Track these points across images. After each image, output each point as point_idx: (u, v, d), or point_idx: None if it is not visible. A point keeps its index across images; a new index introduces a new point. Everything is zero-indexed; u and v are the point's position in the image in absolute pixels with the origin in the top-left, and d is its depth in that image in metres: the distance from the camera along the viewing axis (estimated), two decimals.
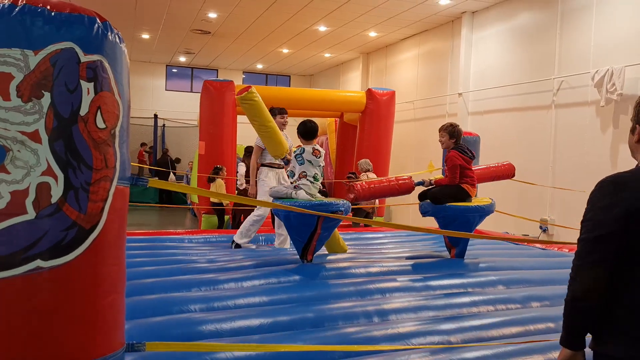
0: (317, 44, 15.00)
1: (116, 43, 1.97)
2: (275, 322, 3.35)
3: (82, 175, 1.85)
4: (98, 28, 1.89)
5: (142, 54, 17.79)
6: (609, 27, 8.23)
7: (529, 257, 6.01)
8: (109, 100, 1.93)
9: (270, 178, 6.05)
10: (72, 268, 1.84)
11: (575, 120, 8.81)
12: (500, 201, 7.83)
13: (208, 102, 9.40)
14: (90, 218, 1.87)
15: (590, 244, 1.76)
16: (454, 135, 5.31)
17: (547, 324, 3.69)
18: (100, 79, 1.89)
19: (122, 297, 2.08)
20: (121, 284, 2.07)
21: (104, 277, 1.94)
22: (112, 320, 2.01)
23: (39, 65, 1.79)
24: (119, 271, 2.04)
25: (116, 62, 1.97)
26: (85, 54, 1.85)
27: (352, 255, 5.51)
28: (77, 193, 1.84)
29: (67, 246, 1.83)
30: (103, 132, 1.91)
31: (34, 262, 1.78)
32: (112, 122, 1.94)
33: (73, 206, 1.83)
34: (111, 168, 1.94)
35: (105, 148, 1.91)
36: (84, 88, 1.85)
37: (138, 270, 4.35)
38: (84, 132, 1.85)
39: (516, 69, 10.19)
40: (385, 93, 10.26)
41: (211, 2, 11.44)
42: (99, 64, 1.89)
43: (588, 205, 1.83)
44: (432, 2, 10.74)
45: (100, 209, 1.90)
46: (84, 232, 1.86)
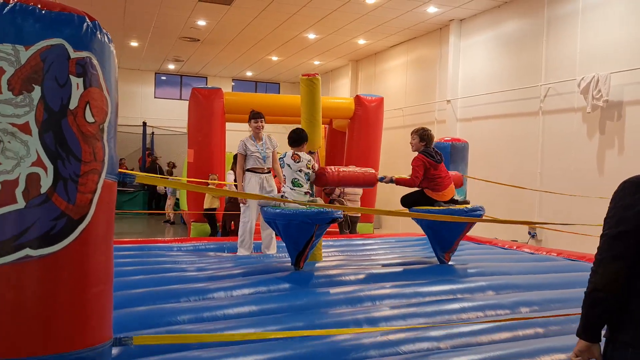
0: (306, 51, 15.04)
1: (105, 42, 2.05)
2: (265, 331, 3.33)
3: (71, 167, 1.91)
4: (87, 27, 1.97)
5: (131, 62, 17.74)
6: (594, 34, 8.34)
7: (517, 261, 6.04)
8: (98, 96, 1.99)
9: (252, 183, 6.06)
10: (61, 257, 1.90)
11: (562, 126, 8.89)
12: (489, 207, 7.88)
13: (196, 109, 9.38)
14: (79, 209, 1.93)
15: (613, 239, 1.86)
16: (424, 138, 5.39)
17: (536, 329, 3.70)
18: (90, 75, 1.96)
19: (109, 289, 2.13)
20: (109, 276, 2.12)
21: (92, 268, 2.00)
22: (100, 311, 2.06)
23: (29, 60, 1.85)
24: (107, 263, 2.09)
25: (105, 60, 2.04)
26: (75, 50, 1.93)
27: (342, 263, 5.51)
28: (66, 184, 1.90)
29: (56, 235, 1.88)
30: (92, 126, 1.97)
31: (23, 250, 1.84)
32: (101, 117, 2.01)
33: (62, 196, 1.89)
34: (100, 161, 2.00)
35: (94, 142, 1.98)
36: (74, 83, 1.92)
37: (126, 280, 4.32)
38: (73, 126, 1.92)
39: (504, 76, 10.27)
40: (373, 99, 10.30)
41: (200, 10, 11.45)
42: (88, 60, 1.96)
43: (611, 204, 1.93)
44: (420, 10, 10.82)
45: (89, 200, 1.96)
46: (72, 222, 1.92)
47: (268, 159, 6.17)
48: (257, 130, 6.16)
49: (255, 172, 6.11)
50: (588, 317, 1.92)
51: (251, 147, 6.10)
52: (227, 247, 6.55)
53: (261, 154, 6.10)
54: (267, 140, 6.24)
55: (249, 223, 6.10)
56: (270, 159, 6.21)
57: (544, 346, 3.36)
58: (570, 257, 6.30)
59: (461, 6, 10.53)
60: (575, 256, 6.27)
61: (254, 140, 6.15)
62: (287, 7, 10.98)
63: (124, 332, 3.16)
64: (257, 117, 6.21)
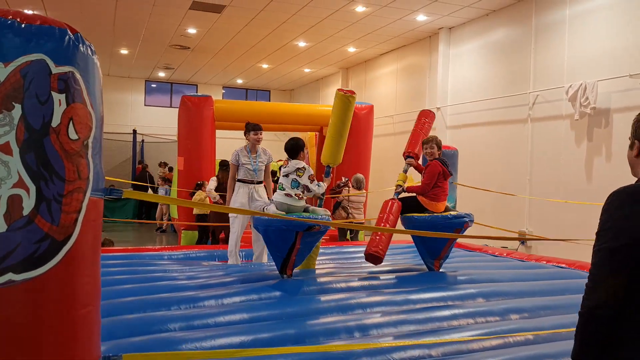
0: (296, 59, 15.09)
1: (88, 55, 1.97)
2: (256, 340, 3.33)
3: (54, 187, 1.84)
4: (69, 40, 1.88)
5: (121, 69, 17.70)
6: (582, 43, 8.44)
7: (508, 268, 6.07)
8: (81, 112, 1.92)
9: (240, 193, 6.05)
10: (46, 280, 1.83)
11: (550, 133, 8.97)
12: (479, 214, 7.91)
13: (186, 117, 9.37)
14: (63, 230, 1.86)
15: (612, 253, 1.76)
16: (440, 146, 5.53)
17: (526, 335, 3.72)
18: (72, 90, 1.88)
19: (97, 309, 2.07)
20: (96, 296, 2.05)
21: (78, 289, 1.93)
22: (88, 332, 2.00)
23: (9, 77, 1.78)
24: (94, 283, 2.02)
25: (88, 73, 1.96)
26: (56, 65, 1.85)
27: (333, 270, 5.51)
28: (50, 205, 1.83)
29: (40, 258, 1.81)
30: (75, 144, 1.89)
31: (5, 275, 1.76)
32: (85, 133, 1.94)
33: (45, 218, 1.82)
34: (84, 179, 1.93)
35: (78, 159, 1.91)
36: (56, 99, 1.84)
37: (116, 289, 4.29)
38: (56, 144, 1.84)
39: (493, 83, 10.36)
40: (363, 107, 10.34)
41: (190, 18, 11.46)
42: (71, 75, 1.88)
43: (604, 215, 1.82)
44: (409, 18, 10.90)
45: (74, 220, 1.89)
46: (56, 244, 1.84)
47: (260, 172, 6.12)
48: (257, 142, 6.12)
49: (245, 183, 6.07)
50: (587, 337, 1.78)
51: (243, 159, 6.06)
52: (217, 255, 6.53)
53: (252, 166, 6.05)
54: (261, 152, 6.21)
55: (236, 234, 6.10)
56: (262, 172, 6.16)
57: (534, 353, 3.38)
58: (560, 264, 6.34)
59: (450, 14, 10.62)
60: (565, 263, 6.31)
61: (248, 152, 6.11)
62: (278, 15, 11.02)
63: (113, 339, 3.15)
64: (258, 129, 6.15)
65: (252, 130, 6.12)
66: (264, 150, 6.24)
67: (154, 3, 10.48)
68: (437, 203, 5.37)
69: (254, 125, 6.17)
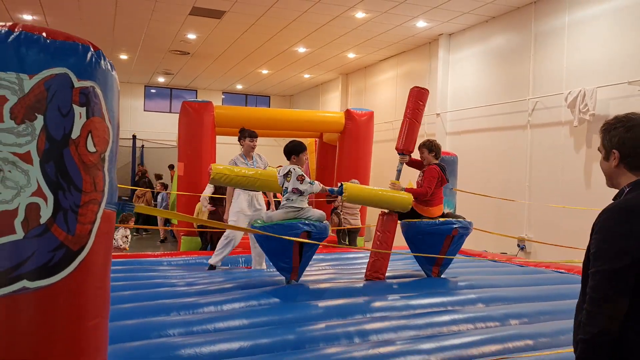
0: (296, 64, 15.12)
1: (108, 71, 2.03)
2: (256, 345, 3.33)
3: (71, 197, 1.88)
4: (92, 56, 1.96)
5: (120, 75, 17.67)
6: (581, 49, 8.47)
7: (507, 274, 6.07)
8: (100, 125, 1.97)
9: (241, 199, 6.05)
10: (58, 289, 1.85)
11: (550, 139, 8.98)
12: (478, 220, 7.91)
13: (187, 123, 9.38)
14: (78, 240, 1.89)
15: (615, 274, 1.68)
16: (433, 149, 5.41)
17: (525, 341, 3.72)
18: (92, 104, 1.94)
19: (106, 321, 2.08)
20: (106, 308, 2.07)
21: (89, 300, 1.95)
22: (96, 344, 2.01)
23: (33, 89, 1.83)
24: (104, 294, 2.05)
25: (107, 88, 2.02)
26: (78, 79, 1.90)
27: (333, 276, 5.51)
28: (66, 214, 1.86)
29: (54, 267, 1.84)
30: (93, 156, 1.94)
31: (20, 282, 1.78)
32: (102, 147, 1.99)
33: (62, 227, 1.85)
34: (100, 191, 1.97)
35: (95, 172, 1.95)
36: (77, 112, 1.90)
37: (115, 295, 4.28)
38: (75, 155, 1.89)
39: (492, 89, 10.39)
40: (364, 113, 10.36)
41: (190, 23, 11.49)
42: (92, 89, 1.94)
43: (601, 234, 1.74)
44: (409, 24, 10.94)
45: (88, 231, 1.92)
46: (71, 254, 1.87)
47: None
48: (252, 149, 6.14)
49: (245, 190, 6.02)
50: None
51: (241, 165, 6.01)
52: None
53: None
54: (257, 158, 6.20)
55: (233, 240, 6.05)
56: None
57: (534, 358, 3.37)
58: (559, 269, 6.34)
59: (450, 21, 10.66)
60: (564, 268, 6.32)
61: (244, 159, 6.10)
62: (277, 21, 11.05)
63: (113, 345, 3.14)
64: (254, 136, 6.16)
65: (249, 137, 6.12)
66: (259, 156, 6.25)
67: (153, 8, 10.51)
68: (431, 208, 5.33)
69: (250, 132, 6.17)
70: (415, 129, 5.44)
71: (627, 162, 1.89)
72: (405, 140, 5.43)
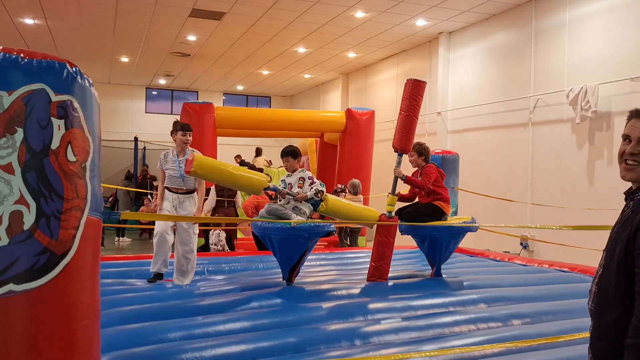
0: (296, 65, 15.10)
1: (86, 86, 2.15)
2: (257, 348, 3.31)
3: (53, 204, 1.97)
4: (68, 73, 2.08)
5: (121, 77, 17.74)
6: (582, 46, 8.43)
7: (510, 273, 6.04)
8: (80, 137, 2.08)
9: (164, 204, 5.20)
10: (45, 292, 1.94)
11: (551, 137, 8.95)
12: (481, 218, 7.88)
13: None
14: (61, 244, 1.98)
15: None
16: (422, 152, 5.39)
17: (528, 342, 3.69)
18: (71, 117, 2.06)
19: (96, 322, 2.15)
20: (95, 310, 2.14)
21: (76, 302, 2.04)
22: (87, 344, 2.08)
23: (12, 104, 1.95)
24: (93, 297, 2.13)
25: (86, 102, 2.14)
26: (56, 94, 2.02)
27: (334, 277, 5.50)
28: (49, 220, 1.96)
29: (39, 270, 1.93)
30: (74, 165, 2.04)
31: (6, 286, 1.88)
32: (83, 157, 2.09)
33: (45, 232, 1.95)
34: (82, 198, 2.06)
35: (76, 180, 2.05)
36: (55, 124, 2.01)
37: (116, 298, 4.28)
38: (55, 164, 1.99)
39: (493, 87, 10.35)
40: (364, 113, 10.34)
41: (190, 25, 11.48)
42: (69, 103, 2.05)
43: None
44: (409, 23, 10.91)
45: (72, 236, 2.01)
46: (55, 258, 1.97)
47: (188, 178, 5.17)
48: (185, 144, 5.27)
49: (171, 192, 5.22)
50: None
51: (168, 164, 5.24)
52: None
53: (179, 172, 5.18)
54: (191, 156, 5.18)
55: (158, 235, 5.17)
56: (192, 178, 5.19)
57: (536, 359, 3.36)
58: (562, 268, 6.31)
59: (450, 19, 10.63)
60: (567, 267, 6.29)
61: (175, 156, 5.27)
62: (277, 22, 11.04)
63: (114, 350, 3.14)
64: (187, 129, 5.31)
65: (181, 130, 5.27)
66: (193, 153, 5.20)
67: (153, 11, 10.51)
68: (448, 205, 5.40)
69: (182, 125, 5.35)
70: (412, 125, 5.16)
71: None
72: (402, 138, 5.15)
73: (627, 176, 1.81)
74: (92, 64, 15.70)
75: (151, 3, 10.05)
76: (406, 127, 5.16)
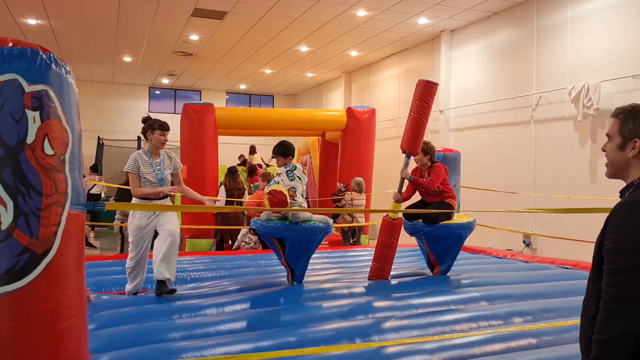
0: (299, 63, 15.10)
1: (62, 74, 2.01)
2: (257, 348, 3.32)
3: (32, 202, 1.87)
4: (41, 60, 1.93)
5: (124, 77, 17.78)
6: (584, 43, 8.41)
7: (512, 271, 6.04)
8: (57, 128, 1.95)
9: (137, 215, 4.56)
10: (27, 293, 1.86)
11: (554, 135, 8.93)
12: (483, 216, 7.88)
13: (189, 125, 9.38)
14: (42, 243, 1.89)
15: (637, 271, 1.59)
16: (428, 151, 5.37)
17: (528, 339, 3.70)
18: (46, 108, 1.92)
19: (83, 320, 2.08)
20: (81, 308, 2.06)
21: (61, 301, 1.95)
22: (74, 344, 2.01)
23: None
24: (78, 295, 2.04)
25: (62, 91, 2.00)
26: (29, 84, 1.89)
27: (336, 276, 5.50)
28: (28, 219, 1.86)
29: (20, 271, 1.84)
30: (52, 159, 1.93)
31: None
32: (61, 149, 1.97)
33: (24, 232, 1.85)
34: (62, 193, 1.96)
35: (55, 174, 1.94)
36: (30, 117, 1.89)
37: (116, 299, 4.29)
38: (32, 159, 1.88)
39: (495, 85, 10.33)
40: (365, 111, 10.33)
41: (192, 25, 11.50)
42: (44, 93, 1.92)
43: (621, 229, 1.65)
44: (411, 21, 10.89)
45: (53, 233, 1.91)
46: (36, 257, 1.87)
47: (166, 183, 4.73)
48: (163, 144, 4.78)
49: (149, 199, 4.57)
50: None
51: (144, 167, 4.62)
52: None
53: (158, 176, 4.66)
54: (165, 157, 4.81)
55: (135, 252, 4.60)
56: (169, 182, 4.78)
57: (537, 357, 3.35)
58: (564, 265, 6.30)
59: (452, 17, 10.61)
60: (569, 264, 6.28)
61: (149, 157, 4.69)
62: (279, 21, 11.04)
63: (114, 350, 3.15)
64: (165, 128, 4.82)
65: (159, 129, 4.75)
66: (168, 155, 4.90)
67: (155, 10, 10.53)
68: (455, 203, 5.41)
69: (162, 123, 4.81)
70: (422, 127, 5.06)
71: None
72: (410, 140, 5.06)
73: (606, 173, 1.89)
74: (95, 64, 15.75)
75: (153, 3, 10.07)
76: (415, 129, 5.07)
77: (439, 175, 5.20)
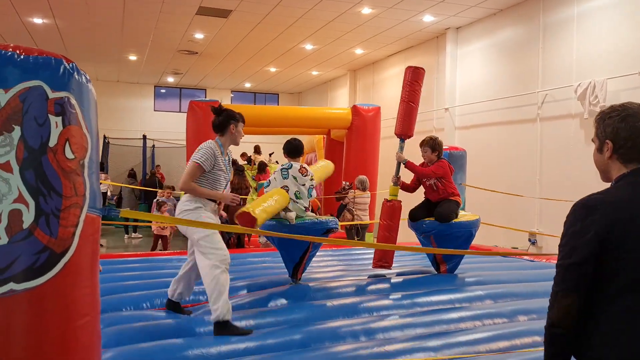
0: (304, 62, 15.10)
1: (83, 82, 2.13)
2: (262, 345, 3.33)
3: (52, 202, 1.97)
4: (64, 69, 2.06)
5: (130, 76, 17.83)
6: (590, 40, 8.37)
7: (517, 269, 6.02)
8: (77, 133, 2.07)
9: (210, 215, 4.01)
10: (45, 290, 1.94)
11: (560, 132, 8.89)
12: (489, 214, 7.86)
13: (195, 123, 9.41)
14: (61, 242, 1.98)
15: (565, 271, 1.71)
16: (436, 148, 5.33)
17: (533, 337, 3.69)
18: (68, 114, 2.03)
19: (96, 319, 2.16)
20: (95, 307, 2.16)
21: (77, 299, 2.04)
22: (88, 341, 2.09)
23: (9, 101, 1.93)
24: (93, 294, 2.13)
25: (83, 99, 2.11)
26: (53, 91, 2.00)
27: (340, 274, 5.50)
28: (48, 218, 1.96)
29: (40, 269, 1.93)
30: (72, 162, 2.03)
31: (7, 285, 1.88)
32: (81, 154, 2.08)
33: (44, 231, 1.94)
34: (81, 196, 2.06)
35: (75, 177, 2.04)
36: (52, 122, 1.99)
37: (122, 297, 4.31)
38: (54, 162, 1.98)
39: (501, 83, 10.30)
40: (370, 109, 10.33)
41: (197, 23, 11.51)
42: (66, 100, 2.03)
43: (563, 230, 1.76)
44: (416, 19, 10.87)
45: (71, 234, 2.01)
46: (55, 256, 1.96)
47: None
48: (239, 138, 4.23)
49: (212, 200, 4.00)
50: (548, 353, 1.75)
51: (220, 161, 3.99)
52: None
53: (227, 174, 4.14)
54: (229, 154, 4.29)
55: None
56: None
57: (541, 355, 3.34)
58: None
59: (457, 14, 10.58)
60: None
61: (222, 152, 4.07)
62: (284, 19, 11.04)
63: (119, 346, 3.17)
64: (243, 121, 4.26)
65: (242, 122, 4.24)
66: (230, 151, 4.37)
67: (160, 9, 10.55)
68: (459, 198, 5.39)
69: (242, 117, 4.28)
70: (413, 112, 5.33)
71: (620, 153, 1.81)
72: (403, 124, 5.31)
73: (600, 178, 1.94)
74: (100, 63, 15.80)
75: (158, 2, 10.09)
76: (407, 113, 5.33)
77: (440, 168, 5.18)
